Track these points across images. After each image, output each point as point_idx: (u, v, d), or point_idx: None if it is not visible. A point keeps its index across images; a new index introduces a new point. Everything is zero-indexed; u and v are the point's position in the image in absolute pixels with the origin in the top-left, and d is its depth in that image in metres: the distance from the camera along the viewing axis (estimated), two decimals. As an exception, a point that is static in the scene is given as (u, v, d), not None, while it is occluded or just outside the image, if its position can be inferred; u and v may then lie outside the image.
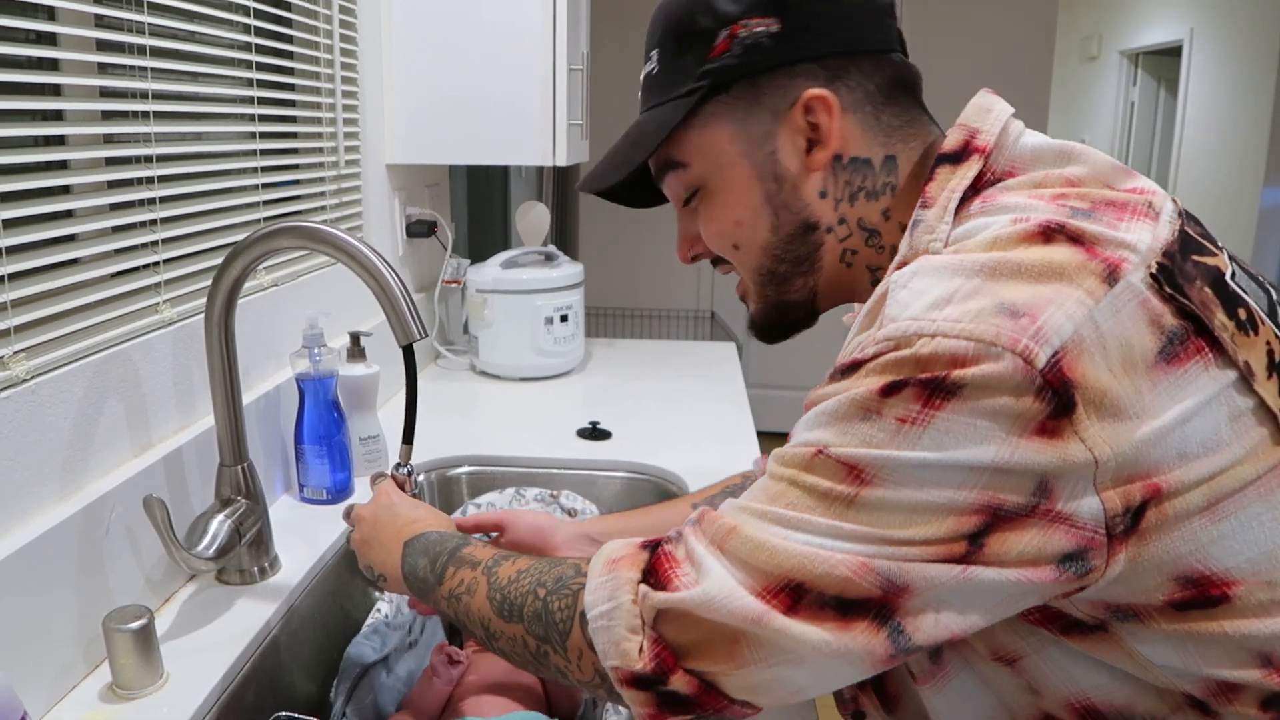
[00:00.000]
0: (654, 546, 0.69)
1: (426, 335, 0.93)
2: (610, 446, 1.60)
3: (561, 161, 1.83)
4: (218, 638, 1.01)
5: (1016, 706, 0.70)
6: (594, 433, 1.65)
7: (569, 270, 2.02)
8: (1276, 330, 0.63)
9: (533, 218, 2.13)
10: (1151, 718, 0.65)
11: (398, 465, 1.04)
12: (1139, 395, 0.57)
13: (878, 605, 0.59)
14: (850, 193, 0.76)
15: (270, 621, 1.06)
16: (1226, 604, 0.60)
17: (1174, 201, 0.67)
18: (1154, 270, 0.60)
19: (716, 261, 0.85)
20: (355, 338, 1.44)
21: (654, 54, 0.81)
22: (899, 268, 0.68)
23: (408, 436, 1.04)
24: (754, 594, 0.61)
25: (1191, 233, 0.65)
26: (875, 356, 0.61)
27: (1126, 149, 6.54)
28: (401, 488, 1.03)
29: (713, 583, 0.62)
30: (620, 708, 1.02)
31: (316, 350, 1.31)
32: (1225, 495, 0.59)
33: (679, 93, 0.78)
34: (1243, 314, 0.62)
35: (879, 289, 0.66)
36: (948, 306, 0.59)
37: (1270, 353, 0.61)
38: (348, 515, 1.02)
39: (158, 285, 1.12)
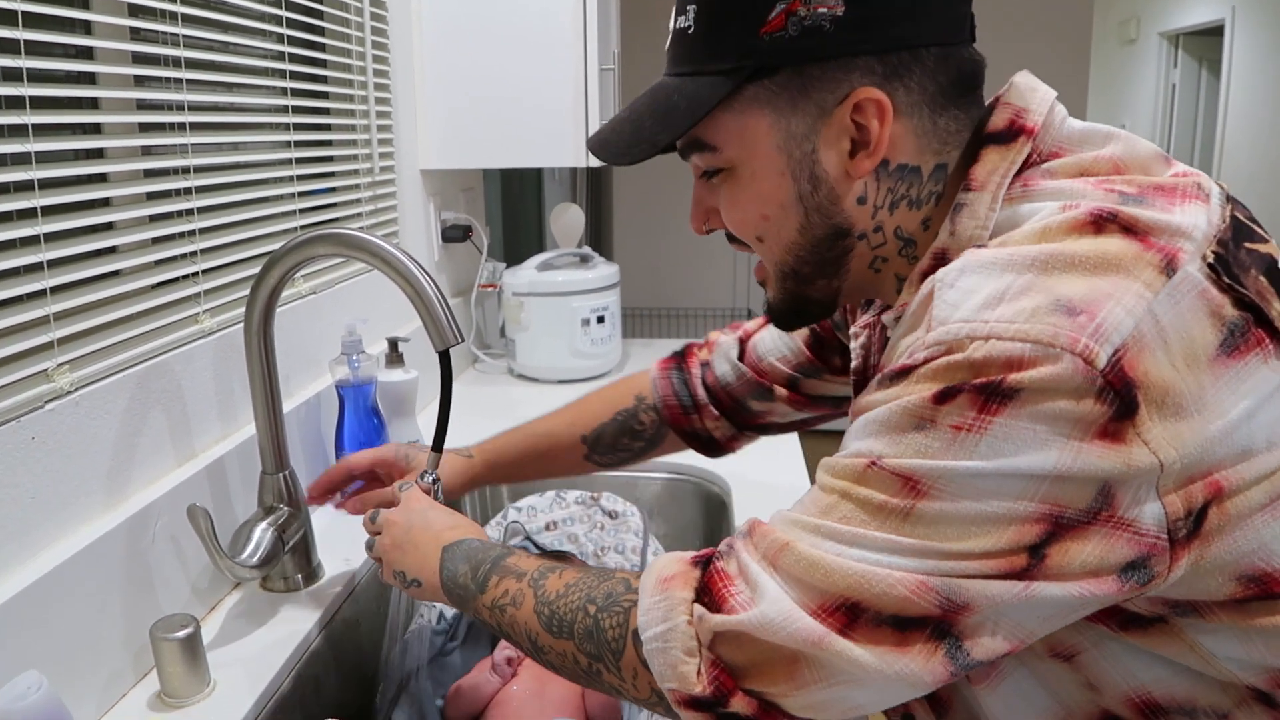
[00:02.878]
0: (705, 563, 0.67)
1: (463, 340, 0.93)
2: (650, 447, 1.59)
3: (595, 163, 1.83)
4: (263, 645, 1.02)
5: (1074, 704, 0.68)
6: (633, 433, 1.64)
7: (605, 271, 2.02)
8: None
9: (567, 219, 2.13)
10: (1214, 711, 0.63)
11: (423, 474, 1.03)
12: (1202, 391, 0.55)
13: (936, 623, 0.58)
14: (892, 200, 0.71)
15: (314, 629, 1.07)
16: None
17: (1220, 186, 0.65)
18: (1210, 260, 0.58)
19: (733, 239, 0.79)
20: (393, 344, 1.45)
21: (691, 9, 0.70)
22: (936, 256, 0.68)
23: (437, 445, 1.02)
24: (811, 614, 0.59)
25: (1241, 218, 0.63)
26: (926, 362, 0.59)
27: (1169, 133, 6.43)
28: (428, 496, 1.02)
29: (770, 604, 0.61)
30: None
31: (355, 357, 1.31)
32: None
33: (716, 67, 0.69)
34: None
35: (924, 287, 0.63)
36: (1000, 306, 0.57)
37: None
38: (372, 520, 0.99)
39: (197, 295, 1.13)
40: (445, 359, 0.98)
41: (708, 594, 0.65)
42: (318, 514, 1.33)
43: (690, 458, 1.52)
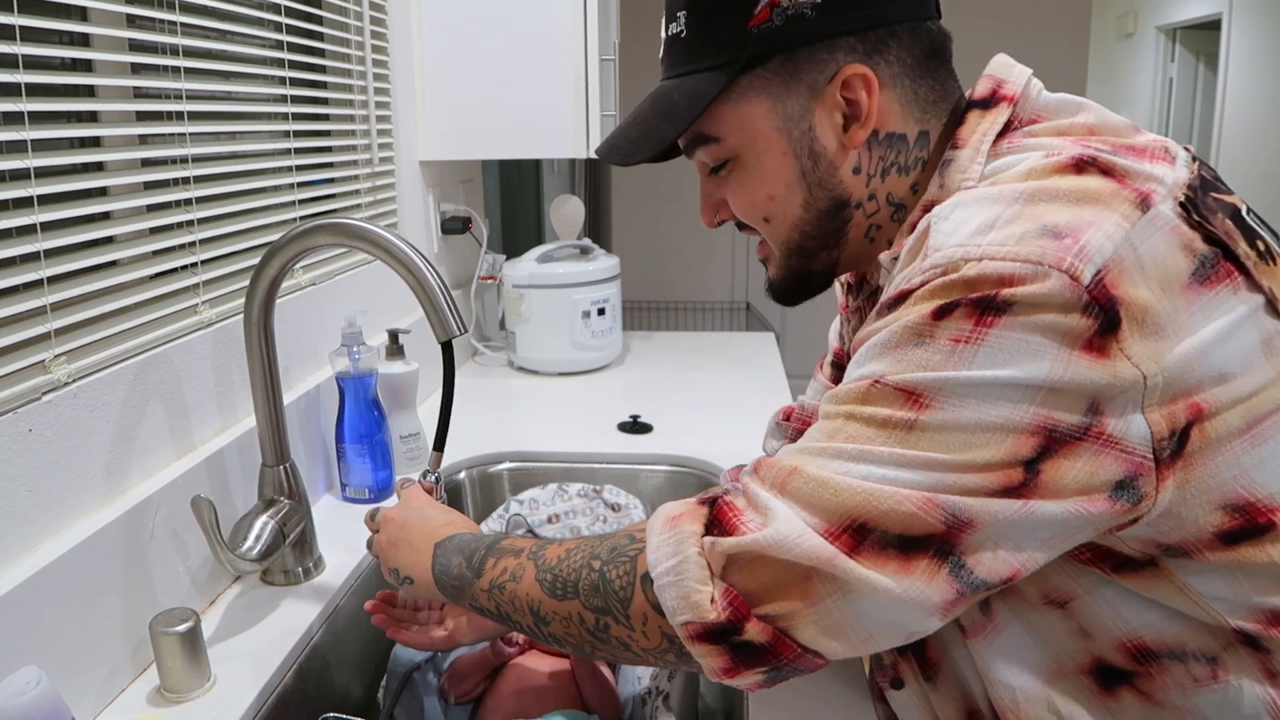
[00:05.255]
0: (712, 501, 0.68)
1: (466, 331, 0.91)
2: (652, 440, 1.59)
3: (594, 154, 1.82)
4: (264, 639, 1.01)
5: (1066, 654, 0.69)
6: (635, 426, 1.63)
7: (605, 263, 2.00)
8: None
9: (567, 211, 2.11)
10: (1203, 654, 0.66)
11: (425, 473, 1.02)
12: (1176, 314, 0.59)
13: (939, 541, 0.59)
14: (883, 168, 0.76)
15: (315, 622, 1.05)
16: (1273, 531, 0.61)
17: (1186, 149, 0.70)
18: (1181, 200, 0.62)
19: (742, 226, 0.84)
20: (393, 335, 1.43)
21: (681, 15, 0.76)
22: (926, 207, 0.71)
23: (439, 443, 1.01)
24: (821, 534, 0.61)
25: (1207, 175, 0.68)
26: (923, 284, 0.62)
27: (1166, 127, 6.42)
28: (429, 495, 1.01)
29: (782, 524, 0.62)
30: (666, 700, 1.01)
31: (355, 349, 1.30)
32: (1262, 417, 0.60)
33: (712, 63, 0.75)
34: (1261, 245, 0.64)
35: (920, 224, 0.67)
36: (991, 232, 0.61)
37: None
38: (372, 518, 0.99)
39: (196, 286, 1.11)
40: (448, 350, 0.97)
41: (718, 525, 0.66)
42: (319, 507, 1.32)
43: (693, 449, 1.51)
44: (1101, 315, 0.57)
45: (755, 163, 0.77)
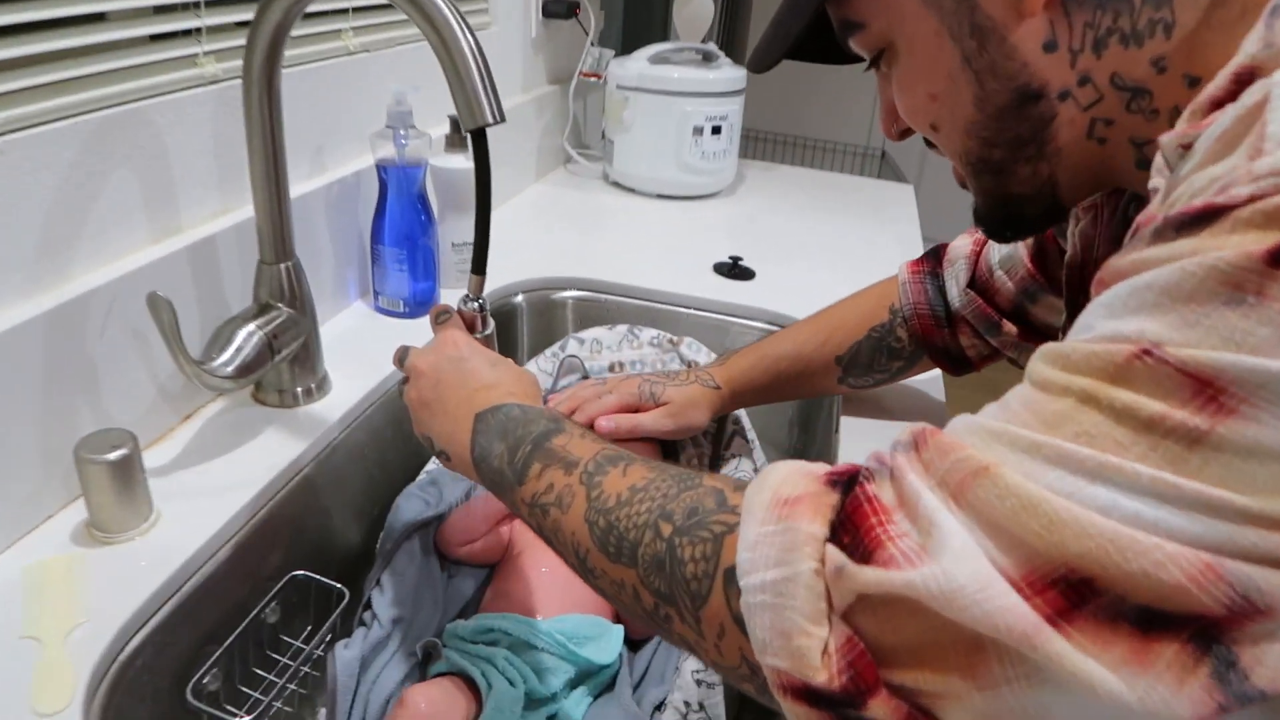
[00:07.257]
0: (847, 484, 0.44)
1: (501, 120, 0.68)
2: (752, 289, 1.34)
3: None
4: (237, 471, 0.83)
5: None
6: (734, 270, 1.38)
7: (730, 74, 1.71)
8: None
9: (694, 7, 1.81)
10: None
11: (465, 298, 0.80)
12: None
13: (1205, 624, 0.35)
14: (1095, 39, 0.53)
15: (306, 455, 0.88)
16: None
17: None
18: None
19: (929, 143, 0.65)
20: (456, 124, 1.20)
21: None
22: (1240, 78, 0.42)
23: (478, 265, 0.79)
24: (1013, 581, 0.37)
25: None
26: (1251, 200, 0.36)
27: None
28: (470, 329, 0.80)
29: (956, 561, 0.38)
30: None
31: (403, 132, 1.07)
32: None
33: None
34: None
35: (1251, 96, 0.39)
36: None
37: None
38: (401, 361, 0.78)
39: (198, 31, 0.89)
40: (479, 141, 0.73)
41: (851, 532, 0.42)
42: (346, 315, 1.13)
43: (799, 308, 1.27)
44: None
45: (907, 51, 0.60)
